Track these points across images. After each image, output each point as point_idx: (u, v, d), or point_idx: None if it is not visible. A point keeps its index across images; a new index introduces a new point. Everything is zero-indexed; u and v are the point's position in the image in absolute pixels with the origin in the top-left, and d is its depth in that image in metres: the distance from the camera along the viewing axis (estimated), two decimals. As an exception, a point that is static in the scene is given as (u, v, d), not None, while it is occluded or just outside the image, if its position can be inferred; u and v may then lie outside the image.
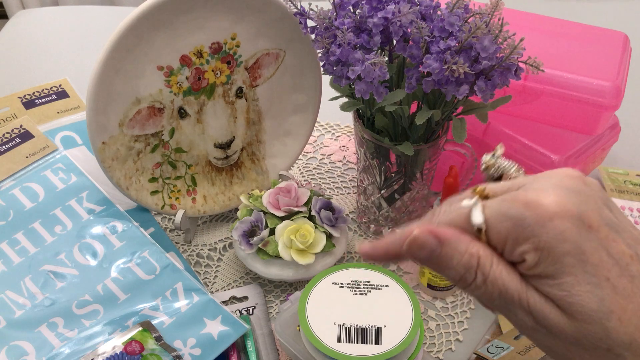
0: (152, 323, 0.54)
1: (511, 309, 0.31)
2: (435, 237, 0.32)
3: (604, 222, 0.30)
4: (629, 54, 0.69)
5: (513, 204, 0.30)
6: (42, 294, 0.56)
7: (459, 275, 0.31)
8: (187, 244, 0.71)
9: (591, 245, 0.29)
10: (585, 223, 0.30)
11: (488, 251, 0.31)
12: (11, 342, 0.52)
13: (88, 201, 0.63)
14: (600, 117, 0.63)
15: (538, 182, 0.31)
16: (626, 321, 0.29)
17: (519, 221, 0.30)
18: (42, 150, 0.66)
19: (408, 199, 0.67)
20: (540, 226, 0.29)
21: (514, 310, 0.31)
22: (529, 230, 0.30)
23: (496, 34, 0.53)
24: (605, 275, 0.29)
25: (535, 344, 0.32)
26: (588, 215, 0.30)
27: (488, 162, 0.37)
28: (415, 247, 0.32)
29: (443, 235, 0.32)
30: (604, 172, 0.79)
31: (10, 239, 0.59)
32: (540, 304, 0.30)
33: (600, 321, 0.29)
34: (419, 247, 0.32)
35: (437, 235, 0.32)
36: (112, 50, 0.57)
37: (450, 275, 0.32)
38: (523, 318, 0.31)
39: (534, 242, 0.30)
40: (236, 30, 0.64)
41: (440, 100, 0.59)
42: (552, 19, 0.73)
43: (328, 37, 0.55)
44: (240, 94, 0.68)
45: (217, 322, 0.56)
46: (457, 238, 0.31)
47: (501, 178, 0.37)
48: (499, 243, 0.31)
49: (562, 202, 0.30)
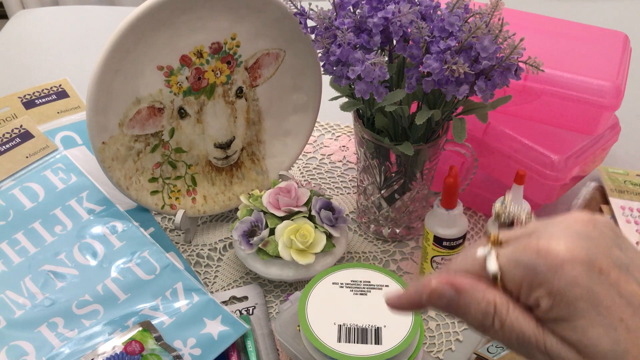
0: (152, 323, 0.54)
1: (530, 351, 0.32)
2: (452, 287, 0.33)
3: (614, 264, 0.31)
4: (629, 53, 0.69)
5: (525, 251, 0.32)
6: (42, 294, 0.56)
7: (477, 322, 0.33)
8: (187, 244, 0.71)
9: (602, 289, 0.30)
10: (596, 267, 0.31)
11: (504, 298, 0.33)
12: (11, 342, 0.52)
13: (88, 201, 0.63)
14: (601, 117, 0.63)
15: (549, 229, 0.33)
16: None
17: (531, 268, 0.31)
18: (42, 150, 0.66)
19: (408, 199, 0.67)
20: (552, 273, 0.31)
21: (533, 352, 0.32)
22: (541, 277, 0.31)
23: (496, 34, 0.53)
24: (618, 316, 0.30)
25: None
26: (598, 259, 0.31)
27: (499, 210, 0.39)
28: (434, 297, 0.34)
29: (460, 285, 0.33)
30: (604, 172, 0.79)
31: (10, 239, 0.59)
32: (557, 346, 0.31)
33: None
34: (438, 297, 0.33)
35: (454, 285, 0.33)
36: (112, 50, 0.57)
37: (469, 321, 0.33)
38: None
39: (547, 288, 0.31)
40: (236, 30, 0.64)
41: (440, 100, 0.59)
42: (552, 19, 0.73)
43: (328, 37, 0.55)
44: (240, 94, 0.68)
45: (217, 322, 0.56)
46: (473, 287, 0.33)
47: (513, 224, 0.38)
48: (514, 289, 0.32)
49: (572, 248, 0.31)
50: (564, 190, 0.71)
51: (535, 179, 0.67)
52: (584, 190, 0.78)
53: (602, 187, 0.78)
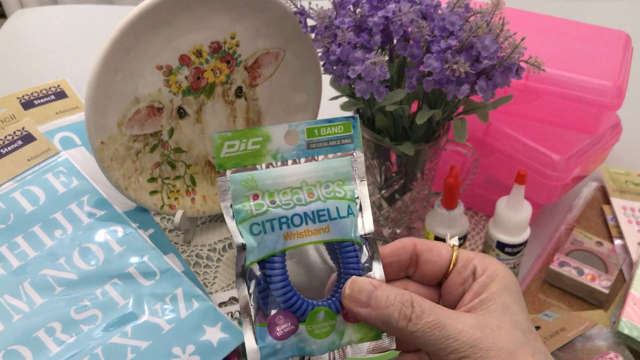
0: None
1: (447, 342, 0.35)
2: (370, 283, 0.36)
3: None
4: (630, 53, 0.69)
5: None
6: (40, 298, 0.55)
7: (397, 311, 0.35)
8: (186, 245, 0.70)
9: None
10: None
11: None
12: (8, 347, 0.52)
13: (89, 205, 0.62)
14: (602, 117, 0.63)
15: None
16: None
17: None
18: (43, 153, 0.65)
19: (409, 199, 0.67)
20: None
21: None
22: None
23: (497, 33, 0.52)
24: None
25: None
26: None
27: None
28: (355, 290, 0.36)
29: (376, 281, 0.37)
30: (606, 172, 0.79)
31: (10, 242, 0.58)
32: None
33: None
34: (358, 291, 0.36)
35: (371, 281, 0.37)
36: (111, 50, 0.56)
37: (390, 312, 0.35)
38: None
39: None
40: (236, 29, 0.63)
41: (441, 99, 0.58)
42: (554, 19, 0.72)
43: (328, 37, 0.55)
44: (239, 94, 0.67)
45: (216, 329, 0.55)
46: (390, 285, 0.37)
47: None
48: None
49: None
50: (565, 191, 0.71)
51: (536, 179, 0.66)
52: (585, 190, 0.78)
53: (604, 187, 0.78)
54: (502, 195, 0.63)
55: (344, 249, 0.38)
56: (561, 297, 0.66)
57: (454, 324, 0.34)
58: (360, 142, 0.39)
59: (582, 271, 0.66)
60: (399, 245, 0.39)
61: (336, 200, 0.38)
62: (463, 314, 0.36)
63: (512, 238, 0.62)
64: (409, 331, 0.35)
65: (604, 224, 0.73)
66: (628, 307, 0.60)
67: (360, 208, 0.39)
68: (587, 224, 0.73)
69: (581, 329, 0.58)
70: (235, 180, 0.37)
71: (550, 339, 0.58)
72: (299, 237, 0.37)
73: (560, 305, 0.65)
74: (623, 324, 0.58)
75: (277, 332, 0.36)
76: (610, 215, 0.74)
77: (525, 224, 0.62)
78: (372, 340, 0.38)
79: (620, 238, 0.71)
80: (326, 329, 0.37)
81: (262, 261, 0.37)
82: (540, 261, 0.69)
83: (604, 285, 0.64)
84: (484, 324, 0.35)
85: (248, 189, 0.37)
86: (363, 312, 0.36)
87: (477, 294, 0.37)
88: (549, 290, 0.67)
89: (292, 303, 0.36)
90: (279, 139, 0.38)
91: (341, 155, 0.39)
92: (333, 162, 0.39)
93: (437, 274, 0.39)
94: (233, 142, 0.37)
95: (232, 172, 0.37)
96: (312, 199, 0.38)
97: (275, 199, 0.37)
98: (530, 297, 0.66)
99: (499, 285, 0.37)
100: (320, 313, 0.37)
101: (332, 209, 0.38)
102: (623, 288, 0.66)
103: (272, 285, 0.36)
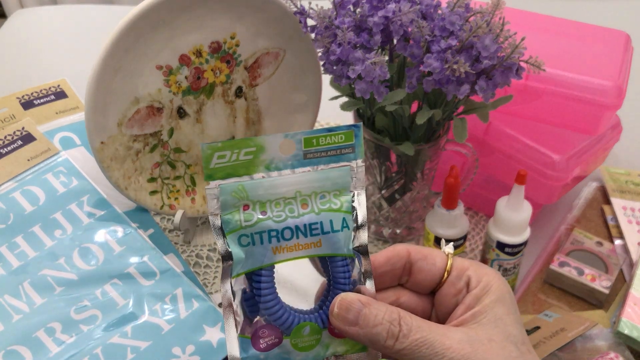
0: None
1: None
2: (359, 300, 0.36)
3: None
4: (630, 53, 0.69)
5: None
6: (40, 298, 0.55)
7: (385, 330, 0.35)
8: (186, 245, 0.70)
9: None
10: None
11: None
12: (8, 347, 0.52)
13: (88, 205, 0.62)
14: (602, 117, 0.63)
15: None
16: None
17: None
18: (43, 153, 0.65)
19: (409, 199, 0.67)
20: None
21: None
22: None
23: (497, 33, 0.52)
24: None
25: None
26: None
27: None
28: (343, 307, 0.36)
29: (365, 299, 0.36)
30: (606, 172, 0.79)
31: (10, 242, 0.58)
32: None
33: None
34: (346, 308, 0.36)
35: (360, 299, 0.36)
36: (110, 50, 0.56)
37: (378, 331, 0.35)
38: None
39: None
40: (236, 29, 0.63)
41: (441, 99, 0.58)
42: (554, 18, 0.72)
43: (328, 36, 0.55)
44: (239, 94, 0.67)
45: (216, 330, 0.55)
46: (377, 301, 0.36)
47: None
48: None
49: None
50: (565, 191, 0.70)
51: (536, 179, 0.66)
52: (586, 190, 0.78)
53: (604, 187, 0.78)
54: (502, 195, 0.63)
55: (334, 262, 0.37)
56: (561, 297, 0.66)
57: (442, 340, 0.34)
58: (362, 152, 0.38)
59: (582, 271, 0.66)
60: (392, 253, 0.39)
61: (331, 212, 0.37)
62: (453, 328, 0.35)
63: (512, 238, 0.62)
64: (396, 349, 0.34)
65: (604, 224, 0.73)
66: (628, 307, 0.60)
67: (356, 219, 0.38)
68: (587, 224, 0.73)
69: (581, 329, 0.58)
70: (226, 191, 0.36)
71: (551, 339, 0.57)
72: (289, 251, 0.36)
73: (561, 306, 0.65)
74: (623, 324, 0.58)
75: (261, 344, 0.36)
76: (611, 215, 0.74)
77: (525, 224, 0.62)
78: (358, 352, 0.37)
79: (620, 238, 0.71)
80: (311, 343, 0.36)
81: (250, 273, 0.36)
82: (540, 261, 0.69)
83: (604, 286, 0.64)
84: (475, 338, 0.34)
85: (238, 199, 0.36)
86: (351, 330, 0.35)
87: (469, 307, 0.36)
88: (549, 290, 0.67)
89: (278, 317, 0.36)
90: (274, 149, 0.37)
91: (340, 165, 0.38)
92: (331, 172, 0.37)
93: (430, 282, 0.39)
94: (224, 152, 0.36)
95: (221, 182, 0.36)
96: (306, 211, 0.37)
97: (267, 210, 0.36)
98: (531, 297, 0.66)
99: (492, 297, 0.36)
100: (305, 328, 0.36)
101: (325, 222, 0.37)
102: (623, 288, 0.66)
103: (259, 299, 0.36)
